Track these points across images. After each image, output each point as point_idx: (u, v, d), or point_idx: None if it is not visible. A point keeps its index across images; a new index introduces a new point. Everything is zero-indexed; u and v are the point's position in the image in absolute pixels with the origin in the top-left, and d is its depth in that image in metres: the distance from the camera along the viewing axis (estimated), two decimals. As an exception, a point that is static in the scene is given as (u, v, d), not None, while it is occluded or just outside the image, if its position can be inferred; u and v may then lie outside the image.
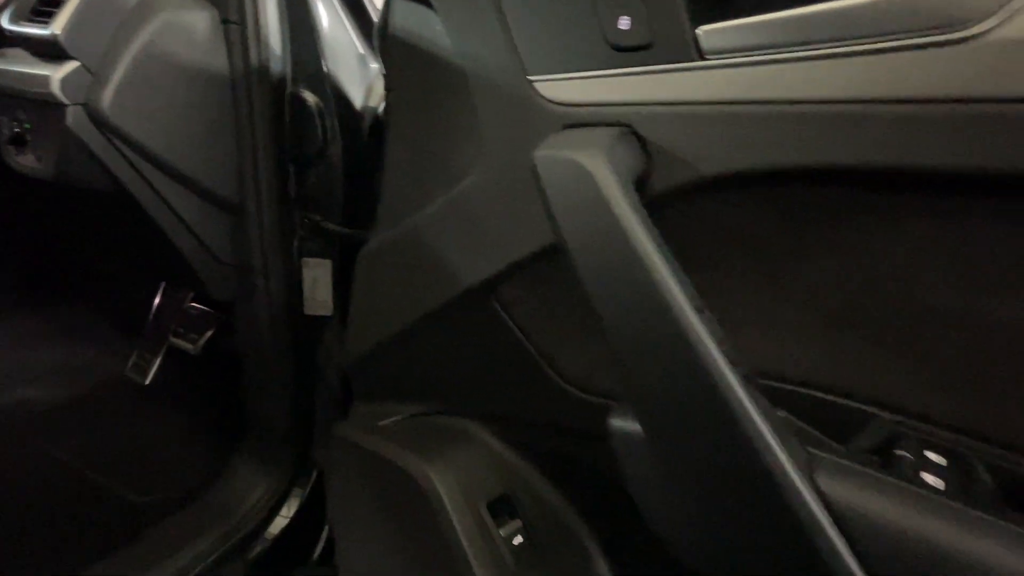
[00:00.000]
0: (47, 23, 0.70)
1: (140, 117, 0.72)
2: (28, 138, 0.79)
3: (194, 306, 1.17)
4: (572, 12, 0.43)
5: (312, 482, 0.94)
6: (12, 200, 1.10)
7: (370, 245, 0.66)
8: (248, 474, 0.95)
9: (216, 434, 1.05)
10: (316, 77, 0.84)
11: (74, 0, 0.69)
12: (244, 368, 0.95)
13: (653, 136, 0.40)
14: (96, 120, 0.70)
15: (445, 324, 0.59)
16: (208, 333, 1.15)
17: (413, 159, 0.61)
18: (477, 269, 0.54)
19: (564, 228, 0.39)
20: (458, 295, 0.56)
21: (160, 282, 1.21)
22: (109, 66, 0.69)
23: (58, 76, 0.69)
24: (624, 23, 0.40)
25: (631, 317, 0.35)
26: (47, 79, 0.69)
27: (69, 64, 0.70)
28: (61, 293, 1.32)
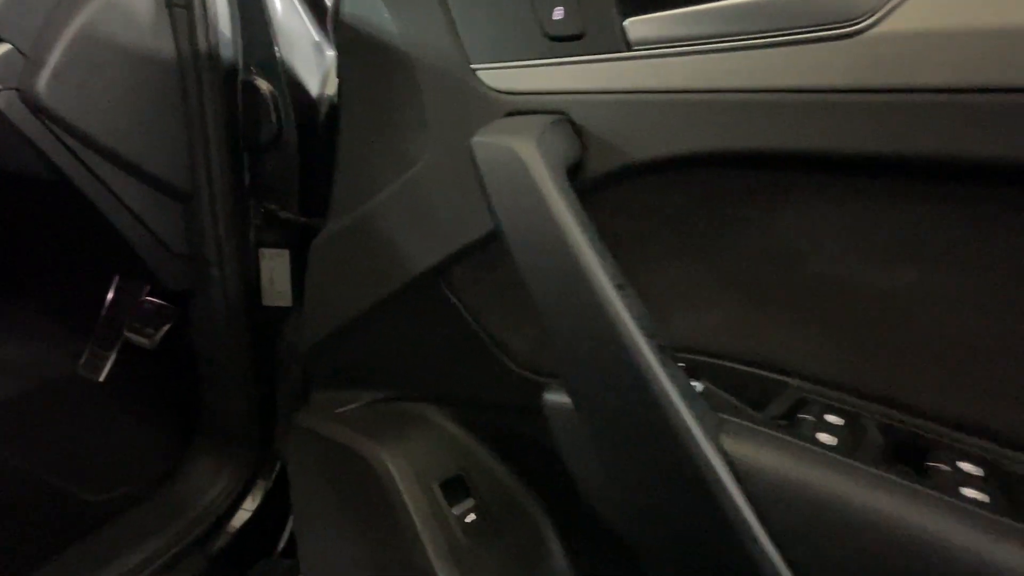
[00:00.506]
0: (-27, 3, 0.68)
1: (80, 103, 0.70)
2: (-43, 126, 0.76)
3: (150, 300, 1.16)
4: (511, 2, 0.45)
5: (275, 474, 0.95)
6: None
7: (323, 234, 0.67)
8: (208, 468, 0.95)
9: (175, 430, 1.04)
10: (269, 64, 0.84)
11: (3, -21, 0.67)
12: (202, 361, 0.95)
13: (586, 124, 0.43)
14: (31, 105, 0.68)
15: (398, 310, 0.61)
16: (165, 327, 1.14)
17: (365, 147, 0.63)
18: (427, 255, 0.55)
19: (499, 211, 0.41)
20: (409, 281, 0.58)
21: (113, 275, 1.19)
22: (44, 49, 0.67)
23: None
24: (558, 14, 0.42)
25: (559, 295, 0.38)
26: None
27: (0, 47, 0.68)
28: (5, 288, 1.28)
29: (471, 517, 0.57)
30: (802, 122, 0.34)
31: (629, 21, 0.40)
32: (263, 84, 0.83)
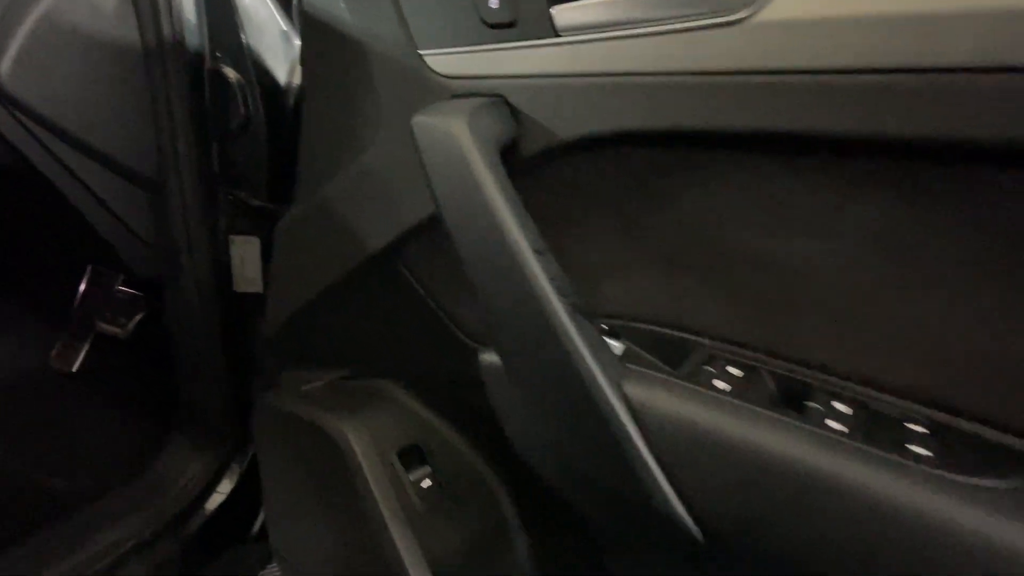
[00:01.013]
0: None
1: (44, 91, 0.71)
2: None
3: (122, 290, 1.18)
4: None
5: (250, 458, 0.97)
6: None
7: (285, 218, 0.70)
8: (182, 453, 0.97)
9: (150, 418, 1.05)
10: (236, 53, 0.85)
11: (-40, -35, 0.67)
12: (175, 348, 0.96)
13: (521, 105, 0.47)
14: None
15: (356, 289, 0.65)
16: (137, 317, 1.15)
17: (325, 132, 0.66)
18: (382, 234, 0.59)
19: (435, 186, 0.44)
20: (366, 260, 0.61)
21: (85, 266, 1.20)
22: (5, 35, 0.68)
23: None
24: (494, 2, 0.46)
25: (485, 262, 0.42)
26: None
27: None
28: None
29: (427, 483, 0.61)
30: (702, 103, 0.38)
31: (555, 9, 0.44)
32: (230, 73, 0.84)
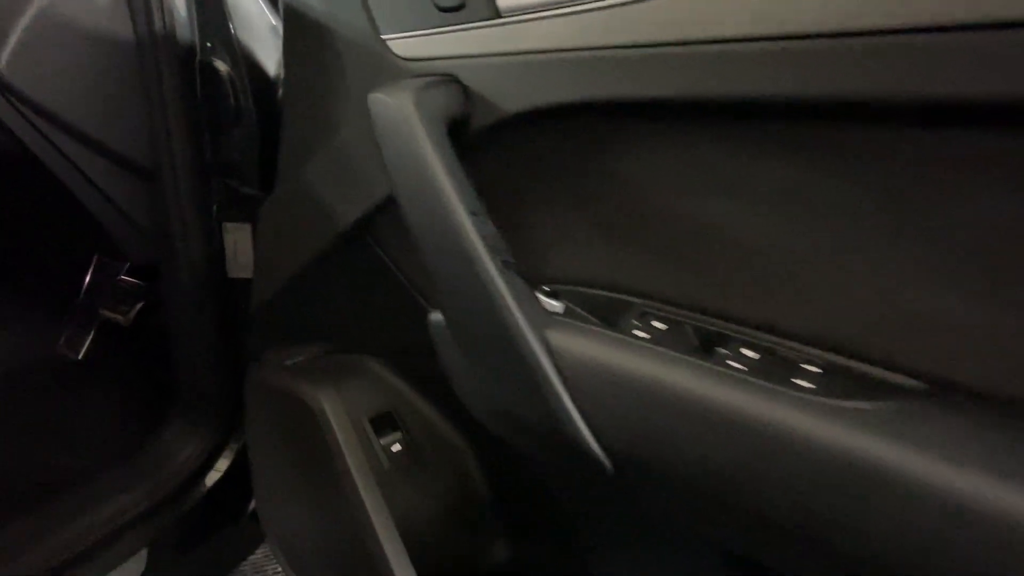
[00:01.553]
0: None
1: (42, 81, 0.75)
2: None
3: (125, 279, 1.24)
4: None
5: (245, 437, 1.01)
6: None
7: (268, 202, 0.75)
8: (181, 432, 1.00)
9: (150, 403, 1.10)
10: (226, 46, 0.89)
11: (-41, -40, 0.71)
12: (171, 332, 1.01)
13: (471, 83, 0.51)
14: None
15: (333, 266, 0.69)
16: (138, 305, 1.21)
17: (303, 117, 0.71)
18: (352, 210, 0.64)
19: (386, 157, 0.49)
20: (339, 236, 0.66)
21: (85, 254, 1.26)
22: (5, 29, 0.71)
23: None
24: (445, -13, 0.50)
25: (429, 225, 0.46)
26: None
27: None
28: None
29: (397, 447, 0.65)
30: (632, 74, 0.42)
31: (497, -9, 0.48)
32: (221, 66, 0.89)
